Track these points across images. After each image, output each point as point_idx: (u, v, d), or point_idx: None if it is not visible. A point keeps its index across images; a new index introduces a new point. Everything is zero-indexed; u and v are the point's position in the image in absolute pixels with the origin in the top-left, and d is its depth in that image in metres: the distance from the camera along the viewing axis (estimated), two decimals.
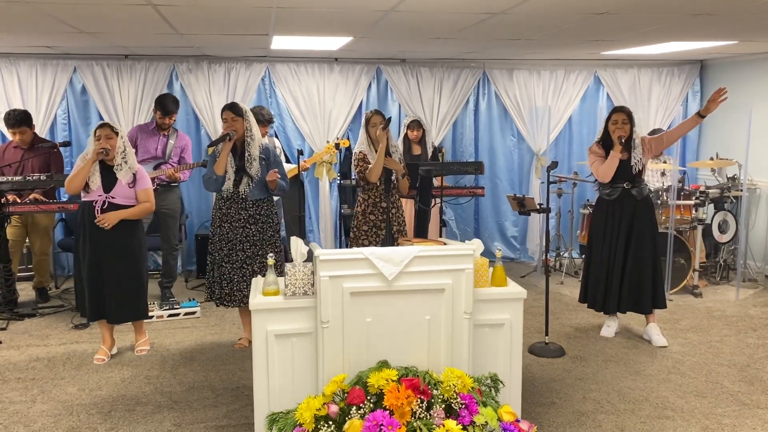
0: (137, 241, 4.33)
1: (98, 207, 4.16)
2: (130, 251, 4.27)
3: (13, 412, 3.62)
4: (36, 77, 6.40)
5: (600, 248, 4.72)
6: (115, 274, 4.23)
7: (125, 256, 4.26)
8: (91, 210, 4.17)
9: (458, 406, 2.58)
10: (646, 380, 4.06)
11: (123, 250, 4.25)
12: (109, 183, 4.19)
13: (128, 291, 4.30)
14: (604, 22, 4.22)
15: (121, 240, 4.24)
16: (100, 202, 4.16)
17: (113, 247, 4.22)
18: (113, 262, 4.23)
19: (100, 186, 4.16)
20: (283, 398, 2.89)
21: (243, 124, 4.30)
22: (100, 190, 4.16)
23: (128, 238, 4.26)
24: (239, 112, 4.31)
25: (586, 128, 7.39)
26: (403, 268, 2.76)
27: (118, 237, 4.22)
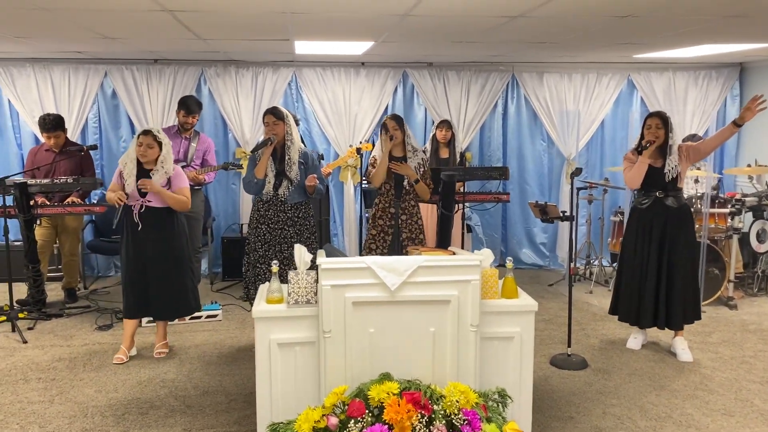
0: (178, 241, 4.40)
1: (136, 212, 4.25)
2: (170, 250, 4.36)
3: (31, 413, 3.68)
4: (68, 81, 6.54)
5: (631, 259, 4.56)
6: (156, 273, 4.33)
7: (166, 255, 4.34)
8: (130, 213, 4.26)
9: (460, 422, 2.50)
10: (671, 396, 3.90)
11: (167, 248, 4.34)
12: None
13: (174, 288, 4.39)
14: (628, 25, 4.08)
15: (165, 239, 4.33)
16: (137, 207, 4.25)
17: (158, 246, 4.31)
18: (153, 262, 4.32)
19: (135, 189, 4.23)
20: (286, 408, 2.86)
21: (283, 128, 4.33)
22: (136, 193, 4.25)
23: (171, 236, 4.35)
24: (280, 116, 4.34)
25: (619, 133, 7.20)
26: (407, 278, 2.69)
27: (161, 236, 4.31)
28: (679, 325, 4.52)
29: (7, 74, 6.49)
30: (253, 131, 6.75)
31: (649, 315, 4.49)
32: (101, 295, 6.11)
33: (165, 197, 4.25)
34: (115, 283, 6.52)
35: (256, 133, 6.75)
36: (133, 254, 4.32)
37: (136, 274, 4.34)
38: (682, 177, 4.46)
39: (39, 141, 6.48)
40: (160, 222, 4.32)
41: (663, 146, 4.37)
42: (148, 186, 4.19)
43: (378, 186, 4.63)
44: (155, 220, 4.29)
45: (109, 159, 6.74)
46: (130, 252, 4.33)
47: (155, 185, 4.20)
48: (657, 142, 4.34)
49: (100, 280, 6.70)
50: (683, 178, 4.48)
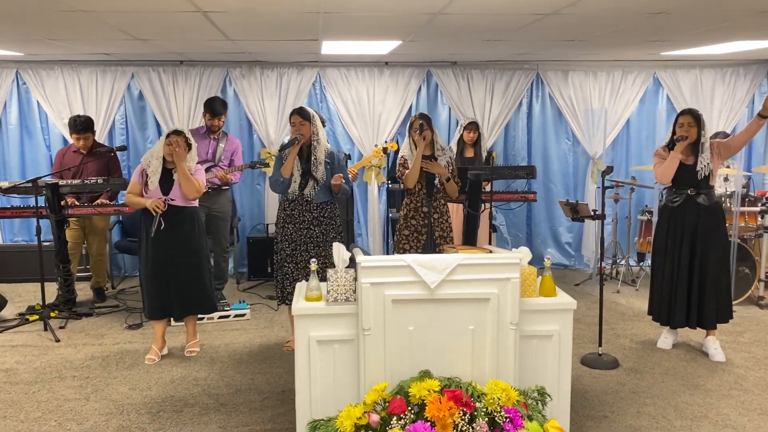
0: (199, 240, 4.44)
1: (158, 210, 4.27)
2: (191, 249, 4.40)
3: (68, 410, 3.72)
4: (96, 83, 6.61)
5: (663, 258, 4.52)
6: (177, 273, 4.36)
7: (186, 254, 4.38)
8: (150, 213, 4.28)
9: (502, 419, 2.50)
10: (706, 396, 3.87)
11: (184, 248, 4.37)
12: (168, 185, 4.30)
13: (190, 288, 4.42)
14: (661, 21, 4.05)
15: (184, 237, 4.36)
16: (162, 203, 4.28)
17: (175, 247, 4.34)
18: (175, 262, 4.35)
19: (158, 188, 4.27)
20: (325, 405, 2.86)
21: (310, 128, 4.35)
22: (158, 192, 4.27)
23: (189, 238, 4.39)
24: (307, 116, 4.35)
25: (645, 131, 7.14)
26: (446, 276, 2.69)
27: (180, 235, 4.35)
28: (712, 324, 4.47)
29: (36, 76, 6.57)
30: (277, 132, 6.78)
31: (681, 314, 4.45)
32: (129, 295, 6.16)
33: (186, 175, 4.23)
34: None
35: (281, 133, 6.78)
36: (154, 253, 4.34)
37: (158, 273, 4.35)
38: (714, 175, 4.41)
39: (67, 142, 6.56)
40: (182, 220, 4.35)
41: (695, 144, 4.33)
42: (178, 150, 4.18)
43: (412, 186, 4.61)
44: (178, 218, 4.33)
45: (135, 160, 6.80)
46: (150, 251, 4.35)
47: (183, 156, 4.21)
48: (689, 139, 4.30)
49: (128, 280, 6.77)
50: (715, 176, 4.43)
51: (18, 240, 6.89)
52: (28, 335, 5.01)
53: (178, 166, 4.24)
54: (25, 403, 3.80)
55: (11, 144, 6.73)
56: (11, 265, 6.52)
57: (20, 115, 6.72)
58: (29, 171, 6.69)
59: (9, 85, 6.60)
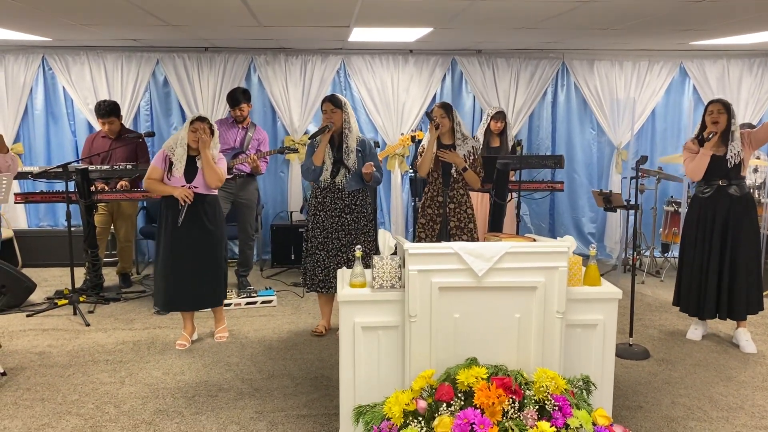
0: (218, 229, 4.42)
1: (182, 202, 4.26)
2: (210, 239, 4.37)
3: (104, 393, 3.75)
4: (121, 69, 6.62)
5: (692, 249, 4.49)
6: (195, 262, 4.33)
7: (206, 244, 4.35)
8: (174, 200, 4.27)
9: (551, 407, 2.50)
10: (739, 387, 3.86)
11: (203, 238, 4.35)
12: (191, 173, 4.29)
13: (207, 278, 4.40)
14: (697, 10, 4.00)
15: (203, 228, 4.34)
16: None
17: (195, 236, 4.32)
18: (194, 250, 4.33)
19: (182, 175, 4.26)
20: (369, 391, 2.87)
21: (341, 116, 4.33)
22: (182, 179, 4.27)
23: (210, 226, 4.36)
24: (338, 103, 4.33)
25: (671, 122, 7.10)
26: (494, 264, 2.69)
27: (202, 225, 4.32)
28: (742, 315, 4.44)
29: (62, 62, 6.58)
30: (301, 119, 6.77)
31: (711, 306, 4.43)
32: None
33: (207, 164, 4.20)
34: None
35: (305, 121, 6.77)
36: (175, 241, 4.30)
37: (177, 261, 4.31)
38: (745, 165, 4.36)
39: (92, 128, 6.58)
40: (204, 208, 4.33)
41: (725, 133, 4.29)
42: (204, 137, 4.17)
43: (424, 175, 4.58)
44: (200, 206, 4.31)
45: (160, 146, 6.76)
46: (170, 238, 4.31)
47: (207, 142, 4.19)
48: (719, 131, 4.26)
49: (152, 266, 6.79)
50: (746, 166, 4.38)
51: (43, 225, 6.93)
52: (58, 319, 5.05)
53: (203, 153, 4.22)
54: (61, 386, 3.84)
55: (37, 129, 6.75)
56: (37, 250, 6.56)
57: (46, 100, 6.74)
58: (55, 156, 6.72)
59: (35, 71, 6.62)
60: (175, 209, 4.28)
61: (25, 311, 5.19)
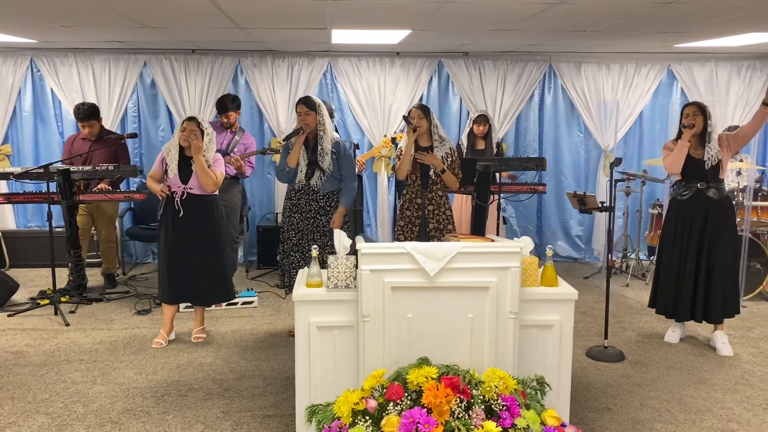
0: (219, 225, 4.47)
1: (178, 198, 4.32)
2: (210, 238, 4.42)
3: (74, 392, 3.77)
4: (109, 71, 6.66)
5: (670, 251, 4.49)
6: (195, 259, 4.40)
7: (205, 243, 4.41)
8: (171, 200, 4.33)
9: (499, 407, 2.49)
10: (711, 390, 3.84)
11: (207, 234, 4.40)
12: (186, 174, 4.33)
13: (213, 274, 4.46)
14: (672, 11, 4.00)
15: (205, 224, 4.39)
16: (179, 193, 4.32)
17: (197, 232, 4.38)
18: (194, 250, 4.39)
19: (177, 176, 4.30)
20: (324, 390, 2.88)
21: (316, 118, 4.34)
22: (177, 180, 4.31)
23: (211, 222, 4.42)
24: (312, 105, 4.35)
25: (658, 124, 7.07)
26: (446, 264, 2.69)
27: (201, 222, 4.38)
28: (719, 319, 4.43)
29: (50, 64, 6.63)
30: (288, 121, 6.79)
31: (686, 308, 4.42)
32: (139, 281, 6.23)
33: (201, 169, 4.23)
34: (152, 270, 6.64)
35: (292, 123, 6.79)
36: (173, 240, 4.38)
37: (176, 260, 4.40)
38: (724, 168, 4.35)
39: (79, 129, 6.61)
40: (201, 208, 4.38)
41: (701, 135, 4.30)
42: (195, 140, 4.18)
43: (403, 177, 4.59)
44: (196, 206, 4.36)
45: (147, 148, 6.86)
46: (169, 238, 4.39)
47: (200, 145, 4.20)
48: (696, 128, 4.26)
49: (138, 267, 6.83)
50: (725, 169, 4.37)
51: (31, 225, 6.98)
52: (38, 319, 5.08)
53: (195, 159, 4.24)
54: (33, 385, 3.86)
55: (25, 131, 6.81)
56: (24, 250, 6.61)
57: (34, 102, 6.80)
58: (43, 158, 6.76)
59: (23, 73, 6.67)
60: (173, 208, 4.33)
61: (6, 311, 5.23)
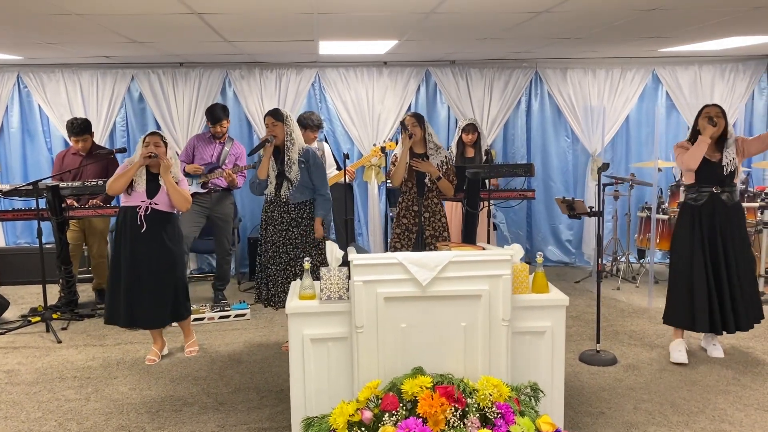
0: (177, 247, 4.40)
1: (141, 213, 4.24)
2: (169, 257, 4.33)
3: (68, 410, 3.76)
4: (96, 86, 6.66)
5: (688, 260, 4.22)
6: (152, 277, 4.29)
7: (164, 262, 4.31)
8: (133, 215, 4.26)
9: (494, 415, 2.51)
10: (703, 391, 3.87)
11: (163, 254, 4.31)
12: (153, 189, 4.29)
13: (165, 296, 4.35)
14: (655, 18, 4.06)
15: (163, 245, 4.31)
16: (143, 208, 4.25)
17: (154, 252, 4.28)
18: (153, 268, 4.28)
19: (144, 190, 4.27)
20: (319, 402, 2.89)
21: (283, 129, 4.36)
22: (143, 195, 4.26)
23: (168, 244, 4.33)
24: (279, 117, 4.37)
25: (645, 128, 7.14)
26: (438, 274, 2.71)
27: (157, 240, 4.29)
28: (748, 325, 4.22)
29: (37, 80, 6.62)
30: None
31: (707, 318, 4.18)
32: None
33: (172, 185, 4.21)
34: None
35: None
36: (131, 256, 4.26)
37: (131, 276, 4.26)
38: (738, 172, 4.21)
39: (68, 145, 6.60)
40: (163, 225, 4.31)
41: (720, 139, 4.15)
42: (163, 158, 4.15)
43: (398, 185, 4.62)
44: (159, 223, 4.29)
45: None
46: (127, 253, 4.27)
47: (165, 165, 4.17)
48: (718, 129, 4.08)
49: None
50: (739, 173, 4.23)
51: (20, 242, 6.94)
52: (30, 337, 5.05)
53: (164, 178, 4.21)
54: (26, 404, 3.84)
55: (13, 147, 6.79)
56: (14, 268, 6.57)
57: (22, 118, 6.78)
58: (31, 174, 6.74)
59: (10, 89, 6.66)
60: (134, 222, 4.23)
61: None
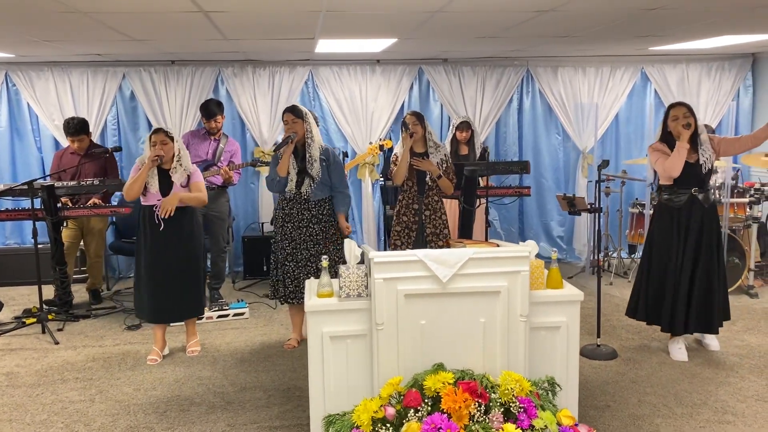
0: (196, 240, 4.45)
1: (158, 212, 4.28)
2: (189, 251, 4.41)
3: (74, 411, 3.72)
4: (87, 84, 6.57)
5: (664, 261, 4.26)
6: (174, 274, 4.36)
7: (185, 256, 4.38)
8: (151, 213, 4.29)
9: (517, 409, 2.55)
10: (704, 383, 3.96)
11: (183, 250, 4.38)
12: (166, 187, 4.31)
13: (187, 290, 4.43)
14: (654, 16, 4.12)
15: (181, 240, 4.36)
16: (159, 207, 4.28)
17: (174, 248, 4.34)
18: (173, 263, 4.35)
19: (158, 190, 4.28)
20: (338, 400, 2.90)
21: (303, 126, 4.36)
22: (158, 194, 4.28)
23: (188, 238, 4.40)
24: (299, 114, 4.37)
25: (634, 125, 7.25)
26: (458, 270, 2.74)
27: (180, 238, 4.35)
28: (716, 328, 4.28)
29: (26, 78, 6.51)
30: (270, 130, 6.79)
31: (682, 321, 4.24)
32: (125, 296, 6.14)
33: (186, 198, 4.31)
34: None
35: (274, 132, 6.79)
36: (153, 255, 4.33)
37: (158, 276, 4.34)
38: (712, 171, 4.24)
39: (59, 144, 6.52)
40: (181, 222, 4.35)
41: (693, 137, 4.13)
42: (166, 207, 4.22)
43: (400, 183, 4.65)
44: (176, 220, 4.32)
45: (128, 160, 6.76)
46: (149, 253, 4.34)
47: (172, 198, 4.25)
48: (692, 129, 4.09)
49: (122, 281, 6.74)
50: (713, 173, 4.28)
51: (10, 243, 6.83)
52: (26, 338, 4.98)
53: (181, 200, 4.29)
54: (29, 406, 3.79)
55: (1, 147, 6.66)
56: (4, 269, 6.47)
57: (10, 117, 6.66)
58: (20, 173, 6.63)
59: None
60: (152, 221, 4.28)
61: None
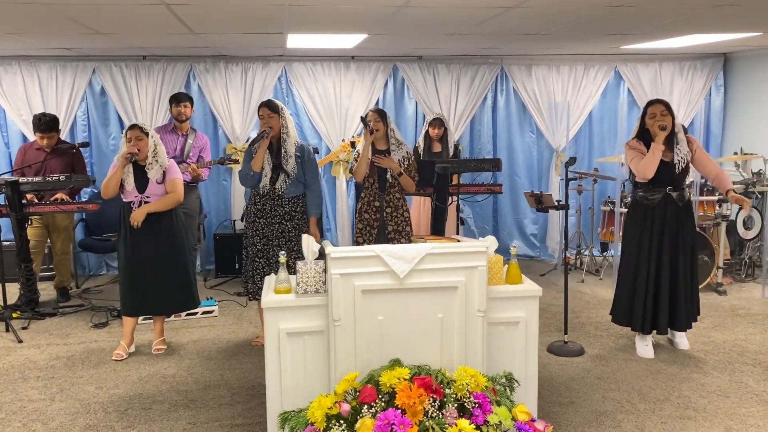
0: (178, 234, 4.42)
1: (135, 208, 4.25)
2: (170, 247, 4.38)
3: (32, 410, 3.66)
4: (56, 79, 6.47)
5: (637, 260, 4.26)
6: (155, 269, 4.33)
7: (165, 251, 4.36)
8: (130, 210, 4.27)
9: (471, 405, 2.54)
10: (668, 379, 3.98)
11: (165, 244, 4.36)
12: (143, 183, 4.27)
13: (171, 285, 4.40)
14: (622, 14, 4.14)
15: (162, 235, 4.34)
16: (136, 203, 4.26)
17: (155, 243, 4.32)
18: (153, 258, 4.32)
19: (134, 187, 4.24)
20: (295, 397, 2.87)
21: (279, 121, 4.32)
22: (135, 191, 4.25)
23: (169, 232, 4.37)
24: (275, 108, 4.32)
25: (607, 124, 7.29)
26: (415, 266, 2.72)
27: (158, 233, 4.32)
28: (687, 325, 4.32)
29: None
30: (243, 126, 6.74)
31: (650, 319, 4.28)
32: (94, 294, 6.07)
33: (156, 207, 4.27)
34: (107, 282, 6.49)
35: (247, 128, 6.74)
36: (133, 251, 4.31)
37: (137, 271, 4.33)
38: (688, 170, 4.18)
39: (27, 139, 6.41)
40: (159, 217, 4.32)
41: (669, 136, 4.08)
42: (135, 219, 4.21)
43: (360, 179, 4.62)
44: (154, 216, 4.29)
45: (98, 156, 6.69)
46: (129, 249, 4.32)
47: (140, 211, 4.22)
48: (668, 129, 4.04)
49: (92, 279, 6.65)
50: (689, 172, 4.20)
51: None
52: None
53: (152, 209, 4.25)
54: None
55: None
56: None
57: None
58: None
59: None
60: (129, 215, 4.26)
61: None
